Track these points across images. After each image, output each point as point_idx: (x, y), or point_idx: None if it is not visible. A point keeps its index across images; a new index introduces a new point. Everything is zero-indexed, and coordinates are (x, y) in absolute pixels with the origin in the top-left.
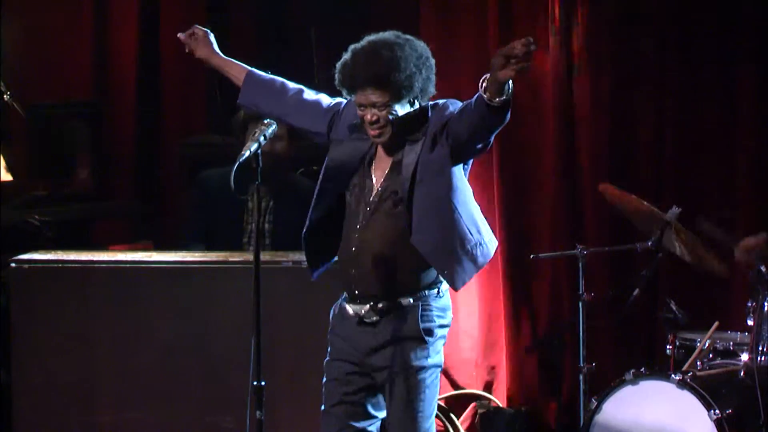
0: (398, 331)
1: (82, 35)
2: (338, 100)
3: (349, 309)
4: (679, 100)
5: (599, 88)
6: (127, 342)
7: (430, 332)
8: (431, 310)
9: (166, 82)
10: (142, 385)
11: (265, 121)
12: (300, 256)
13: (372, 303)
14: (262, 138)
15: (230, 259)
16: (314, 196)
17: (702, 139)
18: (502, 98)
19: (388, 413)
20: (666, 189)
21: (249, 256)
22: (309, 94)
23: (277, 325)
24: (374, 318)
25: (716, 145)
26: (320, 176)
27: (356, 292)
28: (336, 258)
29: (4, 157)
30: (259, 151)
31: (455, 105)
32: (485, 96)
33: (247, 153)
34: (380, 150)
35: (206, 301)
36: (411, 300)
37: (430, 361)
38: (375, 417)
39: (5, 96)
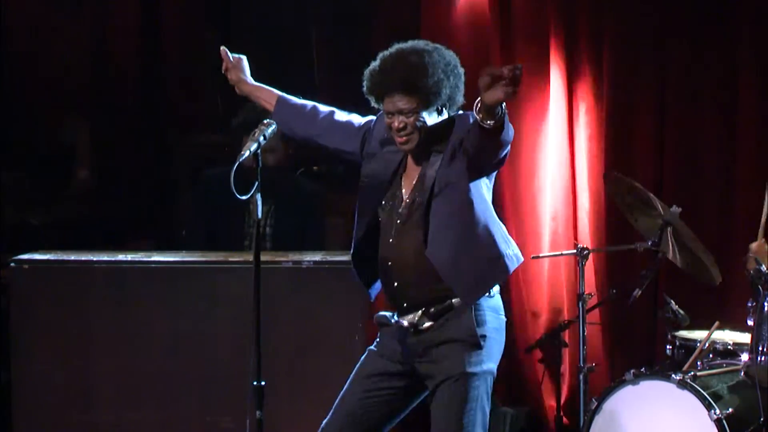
0: (453, 332)
1: (83, 35)
2: (369, 117)
3: (404, 321)
4: (680, 100)
5: (600, 87)
6: (126, 342)
7: (485, 336)
8: (483, 310)
9: (166, 82)
10: (141, 385)
11: (265, 121)
12: (300, 256)
13: (423, 309)
14: (261, 138)
15: (230, 259)
16: (355, 216)
17: (702, 138)
18: (493, 121)
19: (432, 422)
20: (666, 189)
21: (249, 256)
22: (340, 116)
23: (277, 325)
24: (428, 323)
25: (717, 145)
26: (359, 195)
27: (404, 304)
28: None
29: (4, 157)
30: (259, 150)
31: (474, 117)
32: (478, 118)
33: (247, 153)
34: (410, 161)
35: (206, 301)
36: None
37: (484, 366)
38: (390, 422)
39: None
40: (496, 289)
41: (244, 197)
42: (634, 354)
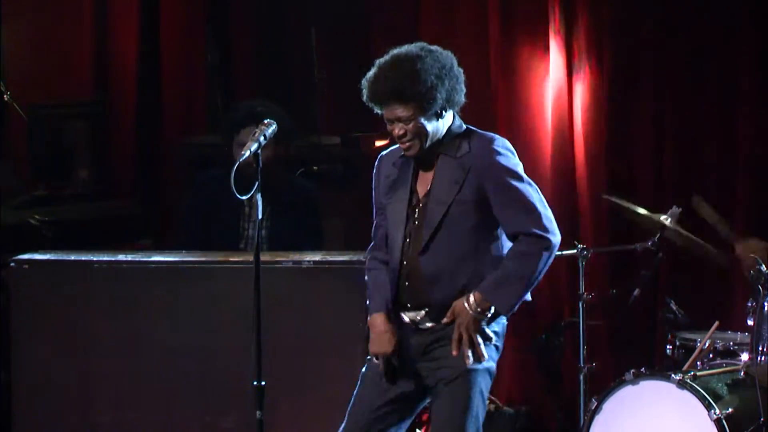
0: (452, 332)
1: (82, 35)
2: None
3: (405, 317)
4: (679, 99)
5: (599, 88)
6: (126, 342)
7: (484, 336)
8: None
9: (166, 82)
10: (141, 385)
11: (266, 121)
12: (300, 256)
13: (427, 310)
14: (262, 138)
15: (230, 259)
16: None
17: (702, 138)
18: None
19: (432, 414)
20: (666, 189)
21: (249, 256)
22: (380, 228)
23: (277, 325)
24: (429, 324)
25: (716, 145)
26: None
27: (408, 304)
28: None
29: (4, 157)
30: (259, 151)
31: (501, 163)
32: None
33: (247, 153)
34: (420, 166)
35: (206, 301)
36: None
37: (484, 364)
38: (404, 422)
39: (5, 96)
40: None
41: (244, 197)
42: (634, 354)
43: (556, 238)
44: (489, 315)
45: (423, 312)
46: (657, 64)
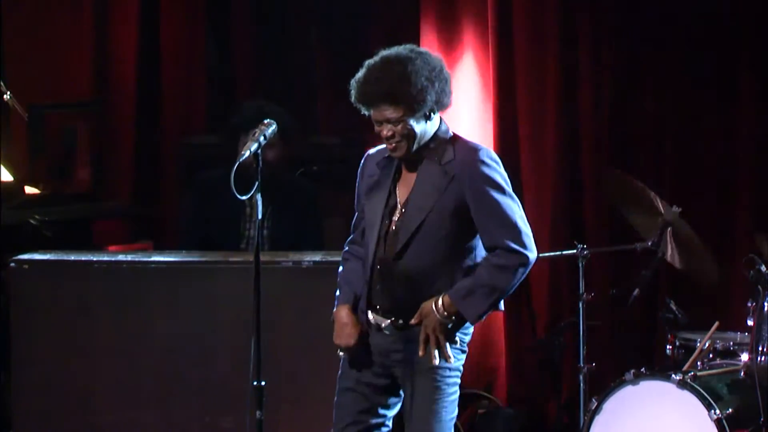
0: (417, 336)
1: (82, 35)
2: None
3: (370, 316)
4: (679, 99)
5: (600, 88)
6: (126, 342)
7: (450, 339)
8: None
9: (166, 82)
10: (141, 385)
11: (266, 121)
12: (300, 256)
13: (393, 319)
14: (262, 138)
15: (230, 259)
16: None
17: (702, 138)
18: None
19: (405, 411)
20: (666, 189)
21: (249, 256)
22: (359, 222)
23: (276, 325)
24: (394, 332)
25: (716, 145)
26: (362, 221)
27: (377, 306)
28: None
29: (4, 157)
30: (259, 151)
31: (485, 174)
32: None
33: (247, 153)
34: (404, 168)
35: (206, 301)
36: None
37: (450, 363)
38: (386, 415)
39: (5, 96)
40: None
41: (244, 197)
42: (634, 354)
43: (532, 255)
44: (455, 320)
45: (388, 321)
46: (657, 64)
